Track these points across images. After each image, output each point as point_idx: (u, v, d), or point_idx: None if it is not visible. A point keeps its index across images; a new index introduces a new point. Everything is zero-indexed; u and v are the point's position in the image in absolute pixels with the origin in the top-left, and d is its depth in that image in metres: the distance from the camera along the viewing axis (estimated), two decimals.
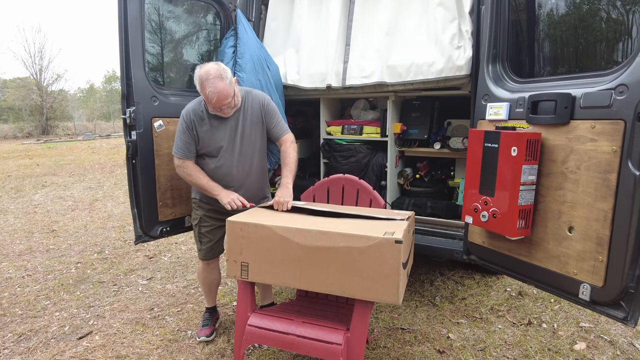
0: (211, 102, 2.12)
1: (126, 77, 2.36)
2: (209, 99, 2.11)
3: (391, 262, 1.72)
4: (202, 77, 2.09)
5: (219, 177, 2.31)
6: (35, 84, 28.63)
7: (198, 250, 2.50)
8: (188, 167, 2.28)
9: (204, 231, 2.44)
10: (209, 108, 2.20)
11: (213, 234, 2.46)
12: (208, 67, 2.11)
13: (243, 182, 2.37)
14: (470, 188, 1.99)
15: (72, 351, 2.44)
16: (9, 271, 3.68)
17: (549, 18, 2.08)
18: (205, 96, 2.12)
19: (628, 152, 1.46)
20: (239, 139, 2.32)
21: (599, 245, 1.56)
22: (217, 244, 2.49)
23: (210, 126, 2.26)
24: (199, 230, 2.44)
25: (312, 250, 1.84)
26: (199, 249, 2.49)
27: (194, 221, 2.46)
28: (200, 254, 2.49)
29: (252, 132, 2.36)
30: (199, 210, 2.43)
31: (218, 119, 2.27)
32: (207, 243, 2.46)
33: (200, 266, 2.56)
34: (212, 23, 3.12)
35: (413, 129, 3.17)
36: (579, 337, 2.51)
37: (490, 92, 2.03)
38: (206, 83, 2.08)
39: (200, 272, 2.58)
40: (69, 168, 10.46)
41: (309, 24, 3.18)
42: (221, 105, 2.14)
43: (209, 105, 2.16)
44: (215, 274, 2.58)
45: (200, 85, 2.10)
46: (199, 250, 2.49)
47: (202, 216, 2.41)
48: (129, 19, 2.32)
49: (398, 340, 2.50)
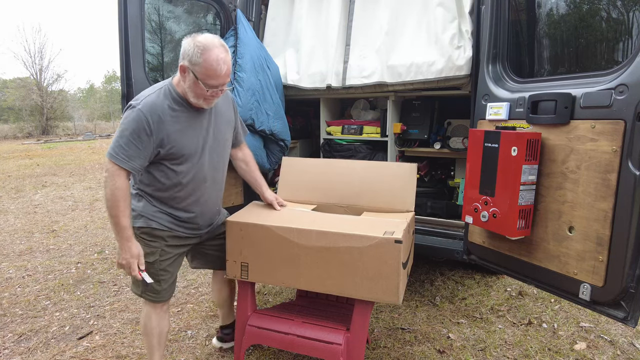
0: (217, 75, 1.64)
1: (126, 77, 2.36)
2: (214, 70, 1.63)
3: (391, 262, 1.72)
4: (205, 43, 1.62)
5: (187, 192, 1.83)
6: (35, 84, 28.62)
7: (154, 293, 1.87)
8: (122, 183, 1.66)
9: (166, 266, 1.88)
10: (201, 89, 1.67)
11: (174, 266, 1.94)
12: (207, 35, 1.67)
13: (213, 199, 1.97)
14: (470, 188, 1.99)
15: (72, 351, 2.44)
16: (9, 271, 3.68)
17: (549, 18, 2.08)
18: (208, 65, 1.62)
19: (628, 152, 1.46)
20: (211, 143, 1.87)
21: (599, 245, 1.56)
22: (175, 277, 1.98)
23: (181, 124, 1.75)
24: (159, 266, 1.85)
25: (312, 250, 1.84)
26: (157, 291, 1.87)
27: (148, 257, 1.81)
28: (157, 296, 1.88)
29: (225, 135, 1.96)
30: (157, 242, 1.84)
31: (190, 115, 1.78)
32: (169, 280, 1.92)
33: (149, 312, 1.92)
34: (212, 23, 3.12)
35: (413, 129, 3.17)
36: (579, 337, 2.51)
37: (490, 92, 2.03)
38: (213, 50, 1.62)
39: (149, 320, 1.92)
40: (69, 168, 10.46)
41: (309, 24, 3.18)
42: (224, 82, 1.69)
43: (210, 80, 1.65)
44: (167, 318, 1.99)
45: (202, 52, 1.60)
46: (157, 292, 1.87)
47: (163, 248, 1.86)
48: (129, 19, 2.32)
49: (398, 340, 2.50)
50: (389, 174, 2.27)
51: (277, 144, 3.14)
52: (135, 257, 1.73)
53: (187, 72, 1.66)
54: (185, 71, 1.67)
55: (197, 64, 1.63)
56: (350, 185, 2.32)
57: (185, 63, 1.65)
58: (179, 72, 1.69)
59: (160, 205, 1.83)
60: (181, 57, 1.67)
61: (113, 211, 1.67)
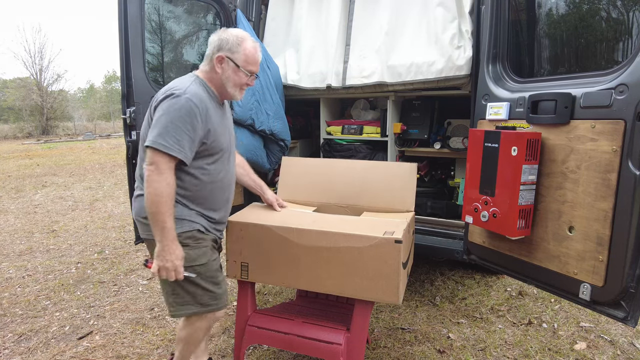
0: (255, 61, 1.73)
1: (126, 77, 2.36)
2: (253, 55, 1.71)
3: (391, 262, 1.72)
4: (240, 34, 1.70)
5: (221, 190, 1.78)
6: (35, 84, 28.63)
7: (216, 300, 1.74)
8: (172, 177, 1.56)
9: (218, 266, 1.81)
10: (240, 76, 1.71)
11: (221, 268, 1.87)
12: (236, 29, 1.78)
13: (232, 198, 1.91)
14: (470, 188, 1.99)
15: (72, 351, 2.44)
16: (9, 271, 3.68)
17: (548, 18, 2.08)
18: (248, 52, 1.69)
19: (628, 151, 1.46)
20: (232, 141, 1.89)
21: (599, 245, 1.56)
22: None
23: (218, 119, 1.73)
24: (213, 267, 1.75)
25: (312, 250, 1.84)
26: (218, 295, 1.75)
27: (201, 259, 1.70)
28: (219, 301, 1.76)
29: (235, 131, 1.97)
30: (204, 242, 1.73)
31: (221, 112, 1.78)
32: (225, 280, 1.83)
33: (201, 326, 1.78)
34: (212, 23, 3.12)
35: (413, 129, 3.17)
36: (579, 337, 2.51)
37: (490, 92, 2.03)
38: (248, 39, 1.71)
39: (199, 332, 1.80)
40: (69, 168, 10.46)
41: (309, 24, 3.18)
42: (257, 70, 1.77)
43: (250, 66, 1.71)
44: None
45: (242, 41, 1.68)
46: (219, 297, 1.75)
47: (210, 248, 1.76)
48: (129, 19, 2.32)
49: (398, 340, 2.50)
50: (389, 174, 2.27)
51: (277, 144, 3.14)
52: (181, 259, 1.59)
53: (226, 62, 1.69)
54: (222, 62, 1.69)
55: (237, 51, 1.68)
56: (350, 185, 2.32)
57: (223, 53, 1.68)
58: (215, 65, 1.69)
59: (197, 207, 1.72)
60: (216, 49, 1.69)
61: (161, 208, 1.51)
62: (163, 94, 1.60)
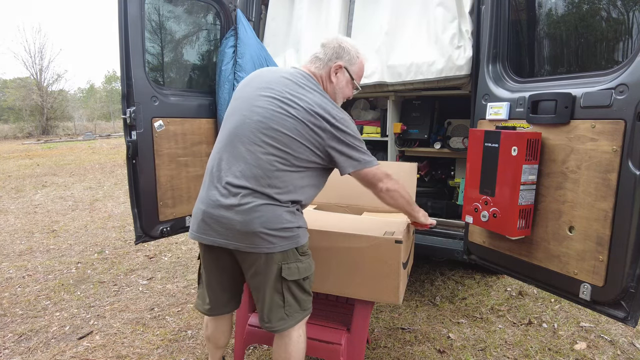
0: (362, 76, 1.77)
1: (126, 77, 2.36)
2: (363, 71, 1.75)
3: (391, 262, 1.72)
4: (356, 45, 1.70)
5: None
6: (35, 84, 28.63)
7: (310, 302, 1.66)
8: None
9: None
10: (350, 90, 1.73)
11: None
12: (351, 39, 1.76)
13: None
14: (470, 188, 1.99)
15: (72, 351, 2.44)
16: (10, 271, 3.68)
17: (549, 18, 2.08)
18: (362, 66, 1.72)
19: (628, 151, 1.46)
20: None
21: (599, 245, 1.56)
22: None
23: None
24: (313, 272, 1.66)
25: (312, 250, 1.84)
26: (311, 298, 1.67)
27: (313, 268, 1.64)
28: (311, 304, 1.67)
29: None
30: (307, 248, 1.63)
31: None
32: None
33: (304, 330, 1.67)
34: (212, 23, 3.12)
35: (413, 129, 3.18)
36: (579, 337, 2.51)
37: (490, 92, 2.03)
38: (361, 52, 1.71)
39: (304, 337, 1.66)
40: (69, 168, 10.46)
41: (309, 24, 3.18)
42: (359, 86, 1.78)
43: (359, 80, 1.74)
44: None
45: (359, 54, 1.69)
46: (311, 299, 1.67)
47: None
48: (129, 19, 2.32)
49: (398, 340, 2.50)
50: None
51: None
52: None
53: (343, 72, 1.66)
54: (338, 71, 1.66)
55: (355, 64, 1.67)
56: (350, 185, 2.31)
57: (343, 63, 1.65)
58: (331, 73, 1.65)
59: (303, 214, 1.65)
60: (334, 56, 1.65)
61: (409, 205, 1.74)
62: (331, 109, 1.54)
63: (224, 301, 1.74)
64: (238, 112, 1.58)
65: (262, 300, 1.57)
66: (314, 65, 1.67)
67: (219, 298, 1.72)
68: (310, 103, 1.51)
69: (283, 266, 1.51)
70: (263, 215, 1.46)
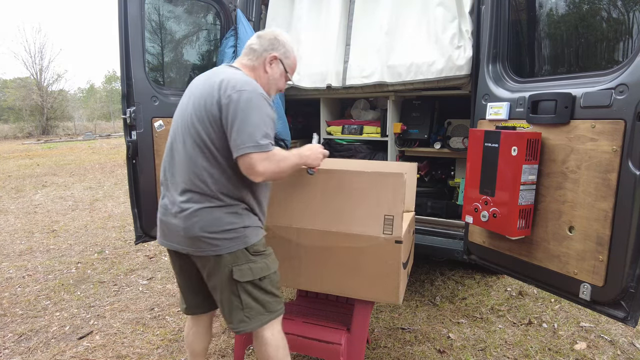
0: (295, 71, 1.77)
1: (126, 77, 2.36)
2: (296, 66, 1.76)
3: (391, 262, 1.72)
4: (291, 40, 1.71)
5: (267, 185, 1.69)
6: (35, 84, 28.63)
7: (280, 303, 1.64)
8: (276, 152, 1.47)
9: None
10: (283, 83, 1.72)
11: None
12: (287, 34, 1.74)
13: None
14: (470, 188, 1.99)
15: (72, 351, 2.44)
16: (10, 271, 3.68)
17: (549, 18, 2.08)
18: (295, 61, 1.73)
19: (628, 151, 1.46)
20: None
21: (599, 245, 1.56)
22: None
23: None
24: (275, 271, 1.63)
25: (312, 250, 1.84)
26: (281, 299, 1.66)
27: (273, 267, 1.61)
28: (282, 305, 1.66)
29: None
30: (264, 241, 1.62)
31: None
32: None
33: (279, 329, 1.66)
34: (212, 23, 3.12)
35: (413, 129, 3.18)
36: (579, 337, 2.51)
37: (490, 92, 2.03)
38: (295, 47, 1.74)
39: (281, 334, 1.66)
40: (69, 168, 10.46)
41: (309, 24, 3.18)
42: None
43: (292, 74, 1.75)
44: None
45: (293, 49, 1.69)
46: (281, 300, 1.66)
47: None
48: (129, 19, 2.32)
49: (398, 340, 2.50)
50: None
51: (277, 144, 3.14)
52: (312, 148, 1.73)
53: (277, 64, 1.65)
54: (273, 62, 1.64)
55: (289, 57, 1.68)
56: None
57: (278, 54, 1.63)
58: (267, 63, 1.62)
59: (259, 212, 1.60)
60: (270, 47, 1.62)
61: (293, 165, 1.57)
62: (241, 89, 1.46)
63: (197, 302, 1.75)
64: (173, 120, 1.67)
65: (221, 302, 1.58)
66: (246, 58, 1.65)
67: (191, 299, 1.75)
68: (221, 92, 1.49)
69: (234, 268, 1.49)
70: (201, 220, 1.46)
